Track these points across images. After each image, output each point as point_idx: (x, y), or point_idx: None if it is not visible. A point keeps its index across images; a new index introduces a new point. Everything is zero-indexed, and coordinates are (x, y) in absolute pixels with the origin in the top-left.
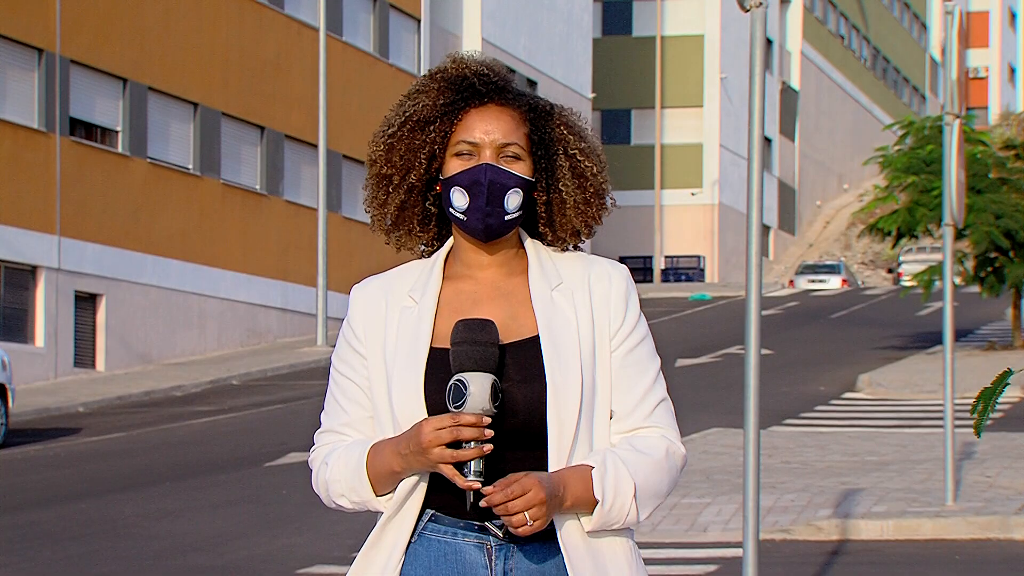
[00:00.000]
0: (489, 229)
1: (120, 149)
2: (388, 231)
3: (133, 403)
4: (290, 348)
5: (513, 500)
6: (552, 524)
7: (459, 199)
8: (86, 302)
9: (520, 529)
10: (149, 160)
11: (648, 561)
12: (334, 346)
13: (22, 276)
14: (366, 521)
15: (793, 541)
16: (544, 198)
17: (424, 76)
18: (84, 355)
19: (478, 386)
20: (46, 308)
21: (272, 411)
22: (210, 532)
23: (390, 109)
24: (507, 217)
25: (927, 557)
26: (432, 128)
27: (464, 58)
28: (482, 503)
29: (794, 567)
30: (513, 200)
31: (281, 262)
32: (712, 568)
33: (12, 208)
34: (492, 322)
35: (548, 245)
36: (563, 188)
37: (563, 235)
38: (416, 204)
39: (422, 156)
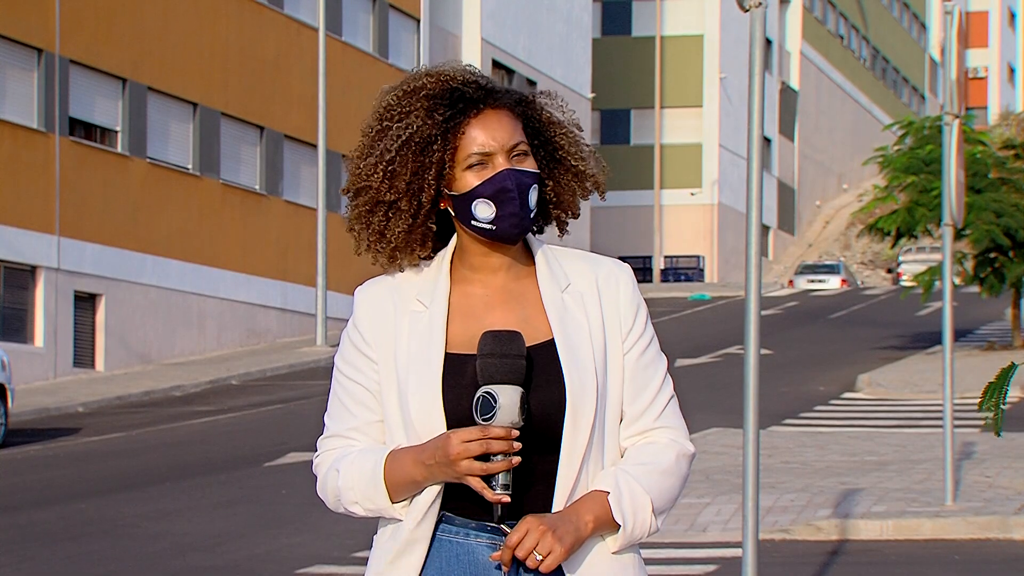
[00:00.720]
0: (523, 232)
1: (119, 149)
2: (386, 254)
3: (133, 403)
4: (290, 348)
5: (522, 546)
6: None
7: (484, 210)
8: (85, 302)
9: (541, 567)
10: (148, 160)
11: (648, 561)
12: (334, 346)
13: (22, 276)
14: (366, 522)
15: (793, 541)
16: (550, 184)
17: (397, 96)
18: (84, 355)
19: (508, 399)
20: (46, 308)
21: (271, 411)
22: (210, 532)
23: (367, 138)
24: (532, 215)
25: (926, 557)
26: (435, 147)
27: (442, 70)
28: (492, 557)
29: (794, 567)
30: (533, 197)
31: (281, 262)
32: (712, 568)
33: (12, 208)
34: (520, 334)
35: (561, 225)
36: (562, 166)
37: (564, 215)
38: (421, 225)
39: (429, 177)
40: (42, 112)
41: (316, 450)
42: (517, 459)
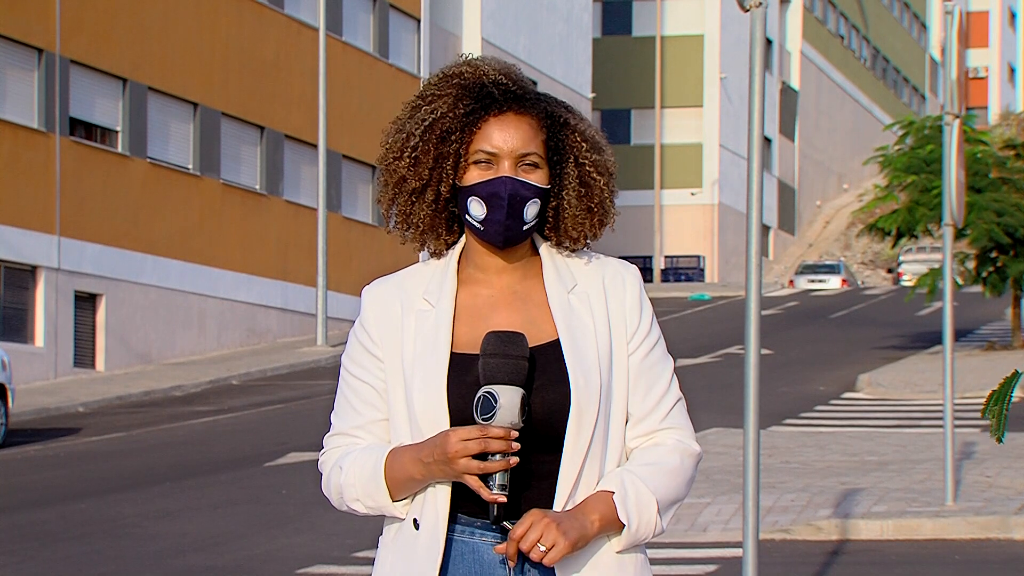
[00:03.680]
0: (508, 240)
1: (120, 149)
2: (413, 237)
3: (133, 403)
4: (290, 348)
5: (526, 539)
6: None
7: (477, 209)
8: (86, 302)
9: (545, 559)
10: (149, 160)
11: (648, 561)
12: (334, 346)
13: (22, 276)
14: (366, 521)
15: (793, 541)
16: (553, 203)
17: (437, 77)
18: (84, 355)
19: (508, 399)
20: (46, 308)
21: (272, 411)
22: (210, 532)
23: (403, 112)
24: (525, 227)
25: (927, 557)
26: (454, 138)
27: (480, 64)
28: (496, 549)
29: (794, 567)
30: (531, 210)
31: (281, 262)
32: (712, 568)
33: (12, 208)
34: (523, 335)
35: (554, 247)
36: (565, 196)
37: (564, 240)
38: (444, 211)
39: (447, 167)
40: (42, 112)
41: (319, 449)
42: (515, 460)
